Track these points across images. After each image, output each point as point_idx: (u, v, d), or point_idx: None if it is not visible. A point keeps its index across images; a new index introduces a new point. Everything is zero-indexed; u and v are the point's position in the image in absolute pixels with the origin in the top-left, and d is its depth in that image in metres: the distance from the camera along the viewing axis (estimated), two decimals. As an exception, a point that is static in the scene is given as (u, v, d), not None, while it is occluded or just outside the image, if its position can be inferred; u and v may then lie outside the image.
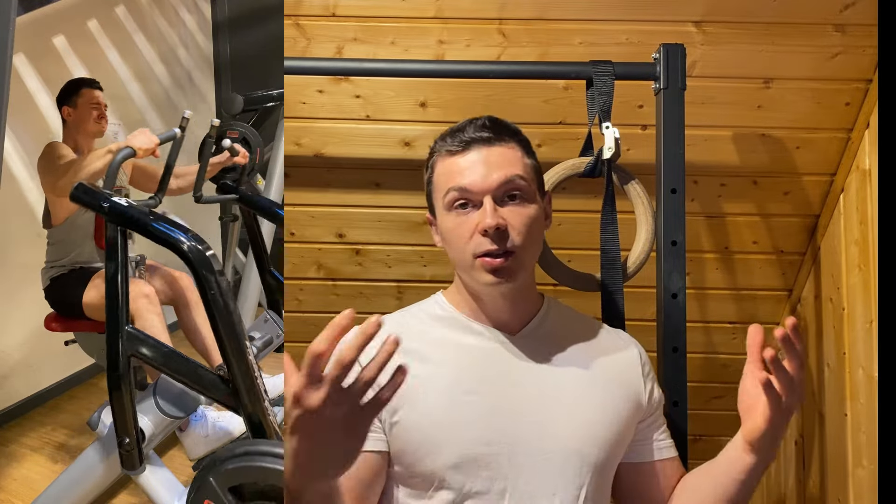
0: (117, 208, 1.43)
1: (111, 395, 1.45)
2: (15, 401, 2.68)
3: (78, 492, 1.66)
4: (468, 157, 0.92)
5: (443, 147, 0.95)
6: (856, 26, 1.53)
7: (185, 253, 1.41)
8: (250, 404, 1.41)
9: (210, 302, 1.40)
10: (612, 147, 1.27)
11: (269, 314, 2.24)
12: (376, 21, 1.59)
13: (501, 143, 0.93)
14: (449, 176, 0.93)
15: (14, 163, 2.60)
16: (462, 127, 0.94)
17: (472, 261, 0.90)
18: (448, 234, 0.94)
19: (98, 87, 2.21)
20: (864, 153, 1.60)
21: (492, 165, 0.90)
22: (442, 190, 0.93)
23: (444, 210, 0.94)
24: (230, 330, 1.41)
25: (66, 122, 2.19)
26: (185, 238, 1.42)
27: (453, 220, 0.92)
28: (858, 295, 1.61)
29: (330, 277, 1.93)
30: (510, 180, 0.90)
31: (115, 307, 1.43)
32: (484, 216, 0.88)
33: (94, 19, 3.08)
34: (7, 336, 2.63)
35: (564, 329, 1.00)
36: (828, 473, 1.78)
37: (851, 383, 1.64)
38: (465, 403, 0.90)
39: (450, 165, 0.93)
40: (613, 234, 1.29)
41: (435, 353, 0.94)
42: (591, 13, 1.56)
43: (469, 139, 0.92)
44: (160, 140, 1.76)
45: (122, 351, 1.43)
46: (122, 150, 1.62)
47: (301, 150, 1.76)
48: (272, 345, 2.19)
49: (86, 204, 1.45)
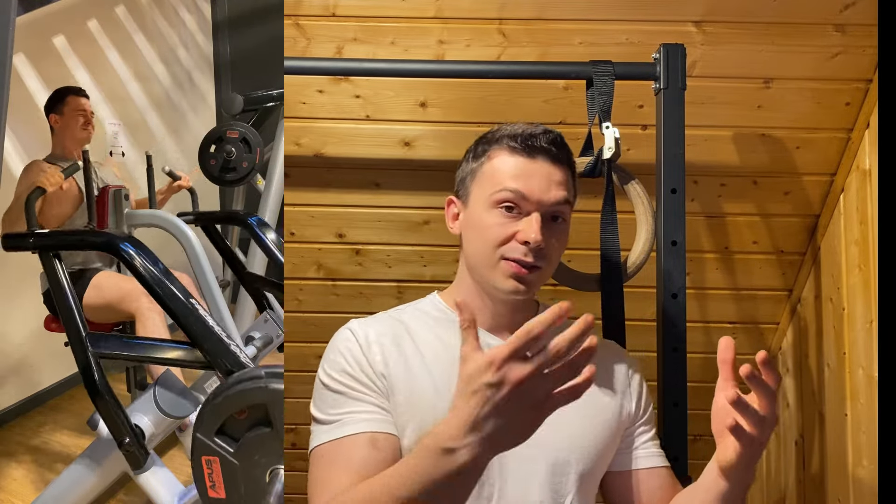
0: (42, 238, 1.55)
1: (95, 402, 1.47)
2: (15, 401, 2.68)
3: (78, 492, 1.66)
4: (534, 165, 0.91)
5: (509, 143, 0.92)
6: (856, 26, 1.53)
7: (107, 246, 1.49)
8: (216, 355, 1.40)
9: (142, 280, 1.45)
10: (612, 147, 1.27)
11: (269, 314, 2.24)
12: (376, 21, 1.59)
13: (563, 165, 0.93)
14: (507, 175, 0.91)
15: (14, 163, 2.60)
16: (533, 133, 0.92)
17: (498, 261, 0.90)
18: (481, 228, 0.92)
19: (84, 95, 2.30)
20: (864, 153, 1.60)
21: (553, 184, 0.90)
22: (493, 185, 0.92)
23: (486, 204, 0.92)
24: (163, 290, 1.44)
25: (53, 130, 2.27)
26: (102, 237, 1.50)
27: (494, 218, 0.91)
28: (858, 295, 1.61)
29: (330, 277, 1.93)
30: (562, 203, 0.91)
31: (71, 320, 1.48)
32: (530, 229, 0.88)
33: (94, 19, 3.08)
34: (7, 336, 2.63)
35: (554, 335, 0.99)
36: (828, 473, 1.77)
37: (851, 383, 1.64)
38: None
39: (512, 164, 0.91)
40: (613, 234, 1.29)
41: (429, 353, 0.94)
42: (591, 13, 1.56)
43: (539, 147, 0.91)
44: (64, 174, 1.98)
45: (88, 353, 1.47)
46: (33, 191, 1.87)
47: (301, 150, 1.76)
48: (272, 345, 2.19)
49: (17, 248, 1.56)
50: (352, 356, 0.92)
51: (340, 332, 0.97)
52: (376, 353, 0.91)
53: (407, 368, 0.91)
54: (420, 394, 0.90)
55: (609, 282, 1.29)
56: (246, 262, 3.04)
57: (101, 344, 1.48)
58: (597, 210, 1.32)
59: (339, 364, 0.92)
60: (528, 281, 0.90)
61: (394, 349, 0.93)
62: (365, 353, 0.92)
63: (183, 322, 1.41)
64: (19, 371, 2.69)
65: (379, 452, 0.84)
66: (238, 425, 1.30)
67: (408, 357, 0.92)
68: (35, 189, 1.85)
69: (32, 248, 1.52)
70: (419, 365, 0.92)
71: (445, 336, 0.96)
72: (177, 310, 1.42)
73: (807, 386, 1.89)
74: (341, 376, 0.91)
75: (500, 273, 0.90)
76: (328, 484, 0.82)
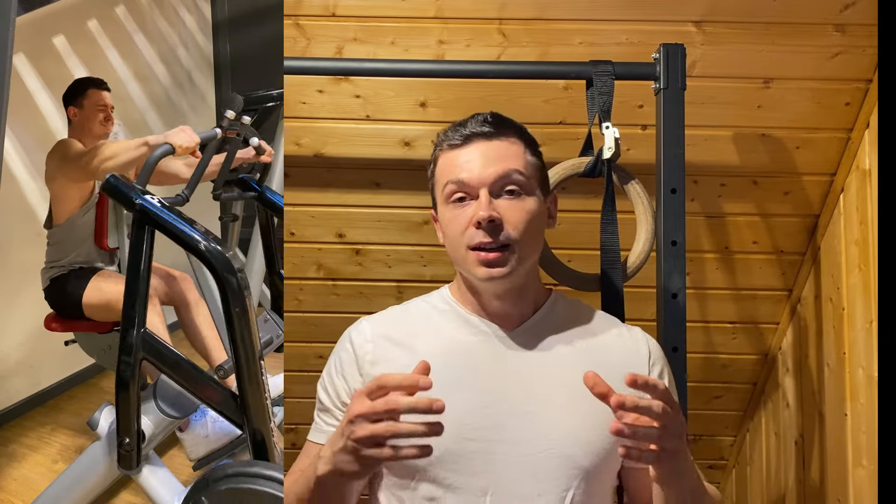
0: (148, 208, 1.37)
1: (118, 396, 1.43)
2: (15, 401, 2.68)
3: (78, 492, 1.66)
4: (468, 150, 0.92)
5: (444, 141, 0.95)
6: (856, 26, 1.53)
7: (205, 255, 1.36)
8: (257, 423, 1.39)
9: (230, 305, 1.35)
10: (612, 147, 1.27)
11: (269, 314, 2.23)
12: (376, 21, 1.59)
13: (502, 138, 0.93)
14: (448, 169, 0.93)
15: (14, 163, 2.60)
16: (464, 122, 0.94)
17: (466, 253, 0.90)
18: (445, 227, 0.94)
19: (105, 88, 2.20)
20: (864, 153, 1.60)
21: (490, 159, 0.90)
22: (441, 183, 0.94)
23: (442, 203, 0.94)
24: (246, 340, 1.37)
25: (71, 123, 2.17)
26: (205, 240, 1.38)
27: (450, 212, 0.92)
28: (858, 295, 1.61)
29: (330, 277, 1.93)
30: (507, 174, 0.90)
31: (132, 308, 1.39)
32: (478, 208, 0.88)
33: (94, 19, 3.08)
34: (7, 336, 2.63)
35: (567, 326, 0.98)
36: (828, 473, 1.77)
37: (851, 383, 1.64)
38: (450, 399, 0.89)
39: (450, 159, 0.93)
40: (613, 234, 1.29)
41: (424, 345, 0.95)
42: (591, 13, 1.56)
43: (470, 133, 0.92)
44: (201, 139, 1.68)
45: (135, 353, 1.40)
46: (162, 147, 1.52)
47: (301, 150, 1.76)
48: (272, 345, 2.19)
49: (117, 197, 1.38)
50: (341, 365, 0.98)
51: (345, 334, 1.02)
52: (368, 353, 0.96)
53: (399, 361, 0.94)
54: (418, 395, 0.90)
55: (609, 282, 1.29)
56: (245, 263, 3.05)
57: (150, 350, 1.43)
58: (597, 210, 1.32)
59: (331, 370, 0.99)
60: (500, 262, 0.88)
61: (390, 345, 0.96)
62: (357, 359, 0.96)
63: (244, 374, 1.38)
64: (19, 371, 2.69)
65: None
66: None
67: (403, 351, 0.95)
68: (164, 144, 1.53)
69: (136, 211, 1.36)
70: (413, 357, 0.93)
71: (448, 330, 0.97)
72: (249, 371, 1.38)
73: (807, 386, 1.89)
74: (329, 384, 0.98)
75: (471, 264, 0.90)
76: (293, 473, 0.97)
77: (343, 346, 0.99)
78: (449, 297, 1.01)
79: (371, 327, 0.99)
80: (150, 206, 1.37)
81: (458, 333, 0.96)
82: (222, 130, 1.78)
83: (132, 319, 1.40)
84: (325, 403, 0.98)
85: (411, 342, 0.96)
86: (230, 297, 1.34)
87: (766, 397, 2.09)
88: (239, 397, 1.39)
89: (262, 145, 2.19)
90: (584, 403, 0.90)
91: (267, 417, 1.39)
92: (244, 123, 1.97)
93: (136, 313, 1.39)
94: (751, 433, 2.19)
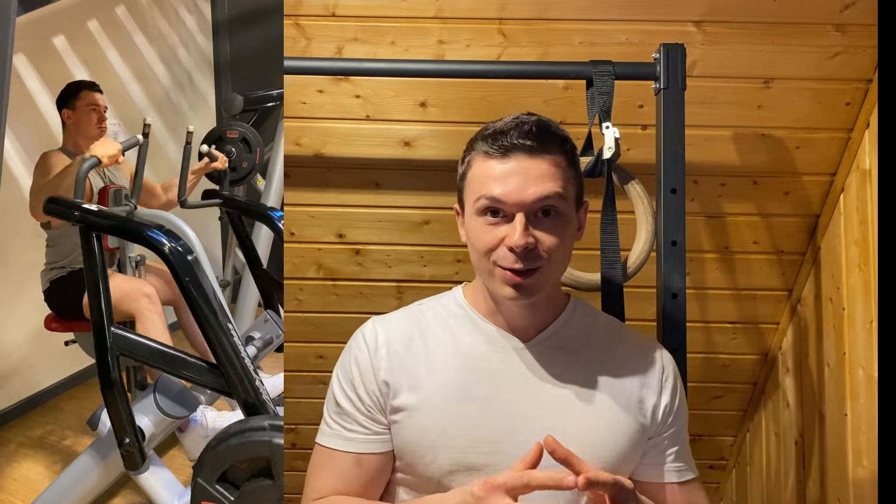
0: (87, 215, 1.47)
1: (105, 397, 1.45)
2: (15, 401, 2.68)
3: (78, 492, 1.66)
4: (507, 165, 0.85)
5: (481, 147, 0.88)
6: (856, 26, 1.53)
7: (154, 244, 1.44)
8: (238, 383, 1.41)
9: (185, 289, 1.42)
10: (612, 147, 1.27)
11: (269, 314, 2.24)
12: (376, 21, 1.59)
13: (545, 155, 0.85)
14: (483, 181, 0.86)
15: (14, 163, 2.60)
16: (506, 129, 0.86)
17: (493, 268, 0.86)
18: (473, 237, 0.89)
19: (98, 90, 2.20)
20: (864, 153, 1.60)
21: (530, 179, 0.84)
22: (474, 193, 0.88)
23: (473, 213, 0.89)
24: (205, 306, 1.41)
25: (65, 125, 2.18)
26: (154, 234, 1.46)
27: (481, 226, 0.87)
28: (858, 295, 1.61)
29: (330, 277, 1.93)
30: (547, 197, 0.84)
31: (98, 310, 1.44)
32: (513, 233, 0.83)
33: (94, 19, 3.08)
34: (7, 336, 2.63)
35: (584, 338, 0.95)
36: (828, 473, 1.77)
37: (851, 383, 1.64)
38: (463, 409, 0.89)
39: (486, 169, 0.86)
40: (613, 234, 1.29)
41: (441, 355, 0.93)
42: (591, 13, 1.56)
43: (510, 145, 0.85)
44: (123, 147, 1.80)
45: (110, 351, 1.44)
46: (87, 160, 1.67)
47: (301, 150, 1.76)
48: (272, 345, 2.19)
49: (58, 215, 1.49)
50: (359, 369, 0.95)
51: (357, 335, 0.99)
52: (382, 359, 0.93)
53: (413, 369, 0.92)
54: (425, 395, 0.91)
55: (609, 282, 1.29)
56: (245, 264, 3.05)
57: (125, 345, 1.47)
58: (597, 210, 1.31)
59: (348, 374, 0.96)
60: (526, 286, 0.85)
61: (403, 351, 0.94)
62: (372, 362, 0.94)
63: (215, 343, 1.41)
64: (19, 371, 2.69)
65: (362, 470, 0.93)
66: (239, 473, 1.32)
67: (416, 358, 0.93)
68: (89, 160, 1.67)
69: (75, 221, 1.46)
70: (427, 365, 0.93)
71: (465, 339, 0.94)
72: (211, 329, 1.41)
73: (807, 386, 1.89)
74: (347, 389, 0.95)
75: (497, 280, 0.86)
76: (317, 482, 0.95)
77: (358, 348, 0.96)
78: (463, 300, 0.98)
79: (383, 331, 0.96)
80: (90, 214, 1.47)
81: (474, 342, 0.94)
82: (144, 137, 1.91)
83: (101, 320, 1.44)
84: (347, 409, 0.94)
85: (425, 349, 0.94)
86: (177, 268, 1.41)
87: (766, 397, 2.09)
88: (218, 365, 1.41)
89: (212, 152, 2.36)
90: (594, 416, 0.90)
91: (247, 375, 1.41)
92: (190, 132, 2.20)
93: (102, 313, 1.44)
94: (751, 433, 2.19)
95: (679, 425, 0.96)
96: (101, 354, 1.44)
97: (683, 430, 0.97)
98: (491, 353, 0.93)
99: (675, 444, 0.95)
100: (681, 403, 0.96)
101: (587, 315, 0.99)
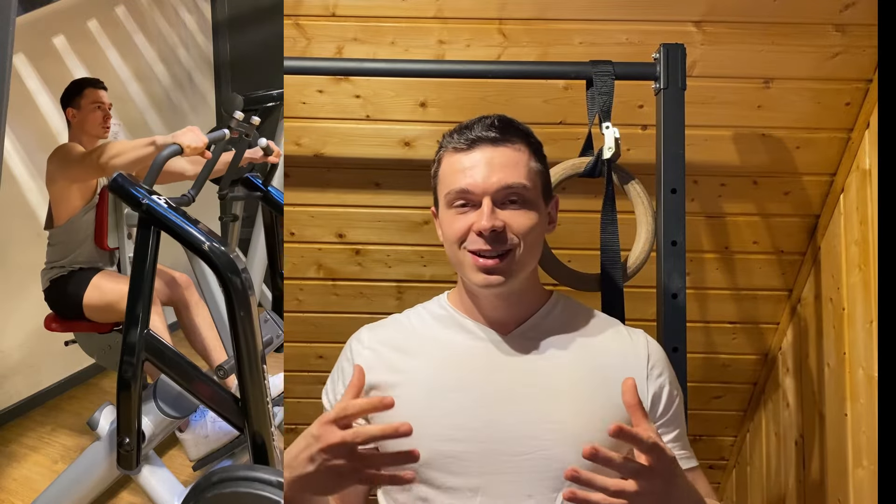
0: (155, 208, 1.36)
1: (119, 395, 1.42)
2: (15, 401, 2.68)
3: (78, 492, 1.66)
4: (472, 156, 0.91)
5: (449, 143, 0.94)
6: (856, 26, 1.53)
7: (210, 256, 1.35)
8: (257, 426, 1.39)
9: (235, 323, 1.35)
10: (612, 147, 1.27)
11: (269, 314, 2.23)
12: (376, 21, 1.59)
13: (508, 145, 0.91)
14: (452, 175, 0.92)
15: (14, 163, 2.60)
16: (470, 124, 0.93)
17: (464, 257, 0.90)
18: (446, 228, 0.94)
19: (102, 87, 2.19)
20: (864, 153, 1.60)
21: (494, 167, 0.89)
22: (444, 188, 0.93)
23: (444, 207, 0.94)
24: (250, 342, 1.36)
25: (70, 124, 2.16)
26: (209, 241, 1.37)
27: (452, 216, 0.92)
28: (858, 295, 1.61)
29: (330, 277, 1.93)
30: (511, 186, 0.89)
31: (136, 308, 1.38)
32: (481, 217, 0.88)
33: (94, 19, 3.08)
34: (7, 336, 2.63)
35: (565, 329, 0.97)
36: (828, 473, 1.78)
37: (851, 383, 1.64)
38: (441, 401, 0.91)
39: (454, 163, 0.92)
40: (613, 234, 1.29)
41: (420, 351, 0.96)
42: (591, 13, 1.56)
43: (475, 138, 0.91)
44: (209, 140, 1.67)
45: (137, 353, 1.40)
46: (170, 147, 1.51)
47: (301, 150, 1.76)
48: (272, 345, 2.19)
49: (123, 196, 1.36)
50: (343, 374, 1.00)
51: (347, 343, 1.04)
52: (366, 360, 0.97)
53: (394, 364, 0.95)
54: (403, 385, 0.93)
55: (609, 282, 1.29)
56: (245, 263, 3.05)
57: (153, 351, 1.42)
58: (597, 210, 1.32)
59: (335, 379, 1.02)
60: (497, 269, 0.88)
61: (387, 351, 0.97)
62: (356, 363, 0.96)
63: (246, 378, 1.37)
64: (19, 371, 2.69)
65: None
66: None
67: (398, 355, 0.96)
68: (172, 145, 1.52)
69: (140, 210, 1.34)
70: (406, 359, 0.96)
71: (444, 335, 0.98)
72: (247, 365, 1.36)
73: (807, 386, 1.89)
74: (332, 393, 1.01)
75: (468, 268, 0.90)
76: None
77: (345, 355, 1.02)
78: (446, 303, 1.02)
79: (369, 334, 1.01)
80: (157, 207, 1.36)
81: (454, 337, 0.97)
82: (230, 131, 1.77)
83: (136, 320, 1.39)
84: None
85: (407, 347, 0.97)
86: (234, 298, 1.34)
87: (766, 397, 2.10)
88: (240, 400, 1.39)
89: (270, 146, 2.18)
90: (576, 406, 0.91)
91: (268, 420, 1.39)
92: (253, 124, 1.96)
93: (139, 313, 1.39)
94: (751, 433, 2.19)
95: (672, 413, 0.95)
96: (127, 353, 1.40)
97: (679, 419, 0.97)
98: (470, 346, 0.95)
99: (671, 431, 0.95)
100: (671, 391, 0.96)
101: (569, 309, 1.00)
